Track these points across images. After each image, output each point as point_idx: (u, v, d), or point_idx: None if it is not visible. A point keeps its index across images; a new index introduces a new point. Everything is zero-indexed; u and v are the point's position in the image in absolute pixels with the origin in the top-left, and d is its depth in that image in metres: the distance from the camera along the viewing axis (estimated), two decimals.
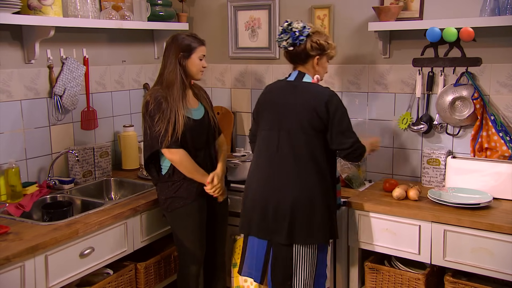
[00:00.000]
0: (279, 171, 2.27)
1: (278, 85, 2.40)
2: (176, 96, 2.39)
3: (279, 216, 2.24)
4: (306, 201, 2.22)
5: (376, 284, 2.53)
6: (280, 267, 2.27)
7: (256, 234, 2.33)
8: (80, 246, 2.24)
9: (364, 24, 2.86)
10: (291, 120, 2.26)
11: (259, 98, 2.44)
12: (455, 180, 2.59)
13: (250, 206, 2.35)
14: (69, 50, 2.89)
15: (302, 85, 2.32)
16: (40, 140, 2.77)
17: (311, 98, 2.25)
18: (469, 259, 2.24)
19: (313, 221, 2.23)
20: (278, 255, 2.28)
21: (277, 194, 2.25)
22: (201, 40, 2.50)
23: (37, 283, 2.04)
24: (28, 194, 2.56)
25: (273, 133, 2.30)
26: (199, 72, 2.50)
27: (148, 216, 2.62)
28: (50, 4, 2.51)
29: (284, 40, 2.32)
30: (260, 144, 2.36)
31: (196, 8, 3.54)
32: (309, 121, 2.23)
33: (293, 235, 2.23)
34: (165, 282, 2.80)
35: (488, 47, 2.61)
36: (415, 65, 2.81)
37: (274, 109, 2.32)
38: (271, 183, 2.28)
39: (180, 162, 2.41)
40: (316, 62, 2.35)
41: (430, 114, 2.82)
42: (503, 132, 2.55)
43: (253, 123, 2.52)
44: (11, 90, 2.60)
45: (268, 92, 2.42)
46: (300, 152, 2.24)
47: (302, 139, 2.24)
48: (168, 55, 2.46)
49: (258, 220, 2.30)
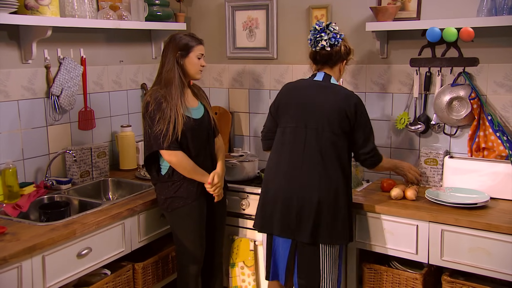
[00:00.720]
0: (306, 169, 2.26)
1: (304, 83, 2.40)
2: (175, 95, 2.39)
3: (304, 215, 2.24)
4: (333, 201, 2.24)
5: (374, 284, 2.53)
6: (308, 269, 2.27)
7: (278, 233, 2.30)
8: (78, 246, 2.23)
9: (362, 24, 2.86)
10: (319, 118, 2.27)
11: (280, 94, 2.43)
12: (452, 180, 2.59)
13: (271, 201, 2.32)
14: (67, 50, 2.88)
15: (332, 86, 2.34)
16: (38, 140, 2.77)
17: (342, 100, 2.28)
18: (467, 259, 2.25)
19: (338, 221, 2.25)
20: (305, 256, 2.27)
21: (303, 192, 2.25)
22: (199, 39, 2.51)
23: (34, 283, 2.04)
24: (25, 194, 2.56)
25: (300, 130, 2.29)
26: (198, 71, 2.50)
27: (146, 216, 2.61)
28: (47, 4, 2.51)
29: (323, 40, 2.30)
30: (283, 140, 2.34)
31: (194, 8, 3.54)
32: (339, 121, 2.26)
33: (317, 235, 2.23)
34: (163, 283, 2.79)
35: (485, 47, 2.62)
36: (413, 65, 2.81)
37: (301, 106, 2.31)
38: (297, 180, 2.26)
39: (178, 164, 2.41)
40: (343, 66, 2.41)
41: (427, 114, 2.83)
42: (500, 132, 2.56)
43: (270, 119, 2.47)
44: (8, 90, 2.60)
45: (293, 89, 2.40)
46: (327, 151, 2.25)
47: (329, 138, 2.26)
48: (166, 54, 2.46)
49: (280, 217, 2.28)
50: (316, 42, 2.33)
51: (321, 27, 2.32)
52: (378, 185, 2.73)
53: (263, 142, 2.54)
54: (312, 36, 2.34)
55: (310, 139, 2.27)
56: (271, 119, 2.47)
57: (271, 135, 2.45)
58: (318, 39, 2.32)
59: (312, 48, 2.37)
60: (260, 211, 2.38)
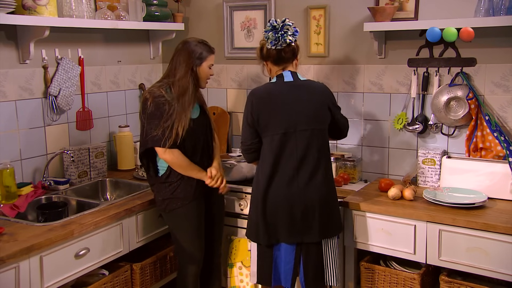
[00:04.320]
0: (302, 171, 2.26)
1: (277, 87, 2.31)
2: (187, 104, 2.37)
3: (309, 215, 2.25)
4: (330, 194, 2.31)
5: (371, 284, 2.53)
6: (313, 267, 2.29)
7: (285, 240, 2.28)
8: (76, 246, 2.23)
9: (360, 24, 2.86)
10: (306, 118, 2.26)
11: (255, 105, 2.29)
12: (450, 180, 2.60)
13: (272, 214, 2.27)
14: (64, 50, 2.88)
15: (305, 83, 2.33)
16: (35, 141, 2.76)
17: (320, 94, 2.32)
18: (464, 259, 2.25)
19: (335, 212, 2.34)
20: (310, 256, 2.29)
21: (304, 195, 2.25)
22: (212, 48, 2.49)
23: (32, 284, 2.03)
24: (23, 194, 2.55)
25: (290, 135, 2.25)
26: (205, 80, 2.50)
27: (144, 217, 2.61)
28: (45, 4, 2.50)
29: (288, 35, 2.27)
30: (273, 149, 2.26)
31: (192, 8, 3.54)
32: (324, 116, 2.31)
33: (325, 230, 2.28)
34: (161, 283, 2.79)
35: (483, 48, 2.62)
36: (410, 66, 2.81)
37: (285, 111, 2.25)
38: (294, 185, 2.25)
39: (174, 161, 2.40)
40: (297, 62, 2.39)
41: (425, 114, 2.83)
42: (497, 132, 2.56)
43: (251, 132, 2.32)
44: (5, 91, 2.59)
45: (268, 96, 2.29)
46: (320, 148, 2.28)
47: (320, 135, 2.28)
48: (178, 61, 2.42)
49: (286, 225, 2.26)
50: (280, 39, 2.26)
51: (281, 24, 2.27)
52: (376, 185, 2.74)
53: (246, 156, 2.40)
54: (274, 35, 2.27)
55: (302, 141, 2.25)
56: (252, 131, 2.32)
57: (254, 147, 2.34)
58: (284, 35, 2.26)
59: (277, 47, 2.28)
60: (263, 225, 2.28)
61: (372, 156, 3.00)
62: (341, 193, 2.66)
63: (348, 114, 3.03)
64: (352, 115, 3.02)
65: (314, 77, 3.12)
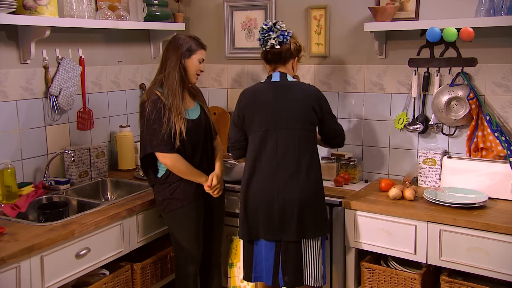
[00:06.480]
0: (282, 169, 2.28)
1: (263, 87, 2.39)
2: (177, 97, 2.38)
3: (287, 214, 2.26)
4: (313, 194, 2.29)
5: (372, 284, 2.53)
6: (291, 265, 2.29)
7: (264, 236, 2.32)
8: (76, 246, 2.23)
9: (360, 24, 2.86)
10: (288, 118, 2.29)
11: (242, 104, 2.39)
12: (450, 180, 2.59)
13: (252, 209, 2.33)
14: (65, 50, 2.88)
15: (291, 84, 2.37)
16: (36, 141, 2.76)
17: (305, 96, 2.33)
18: (465, 259, 2.25)
19: (319, 214, 2.32)
20: (288, 254, 2.29)
21: (282, 192, 2.27)
22: (203, 44, 2.51)
23: (32, 284, 2.03)
24: (23, 194, 2.55)
25: (270, 133, 2.30)
26: (195, 74, 2.50)
27: (145, 217, 2.61)
28: (46, 4, 2.51)
29: (272, 38, 2.33)
30: (255, 146, 2.34)
31: (193, 8, 3.54)
32: (308, 117, 2.31)
33: (303, 231, 2.27)
34: (162, 283, 2.79)
35: (484, 48, 2.62)
36: (411, 65, 2.81)
37: (267, 110, 2.32)
38: (274, 182, 2.28)
39: (173, 166, 2.41)
40: (295, 63, 2.43)
41: (426, 114, 2.83)
42: (498, 132, 2.56)
43: (236, 130, 2.43)
44: (6, 90, 2.59)
45: (253, 96, 2.38)
46: (301, 148, 2.28)
47: (301, 135, 2.29)
48: (168, 55, 2.45)
49: (264, 222, 2.30)
50: (265, 41, 2.36)
51: (269, 26, 2.35)
52: (377, 185, 2.73)
53: (231, 152, 2.49)
54: (261, 36, 2.37)
55: (282, 139, 2.29)
56: (237, 130, 2.42)
57: (238, 144, 2.43)
58: (266, 38, 2.35)
59: (262, 47, 2.39)
60: (244, 220, 2.36)
61: (373, 156, 3.00)
62: (341, 193, 2.67)
63: (348, 114, 3.04)
64: (353, 115, 3.02)
65: (314, 77, 3.12)
